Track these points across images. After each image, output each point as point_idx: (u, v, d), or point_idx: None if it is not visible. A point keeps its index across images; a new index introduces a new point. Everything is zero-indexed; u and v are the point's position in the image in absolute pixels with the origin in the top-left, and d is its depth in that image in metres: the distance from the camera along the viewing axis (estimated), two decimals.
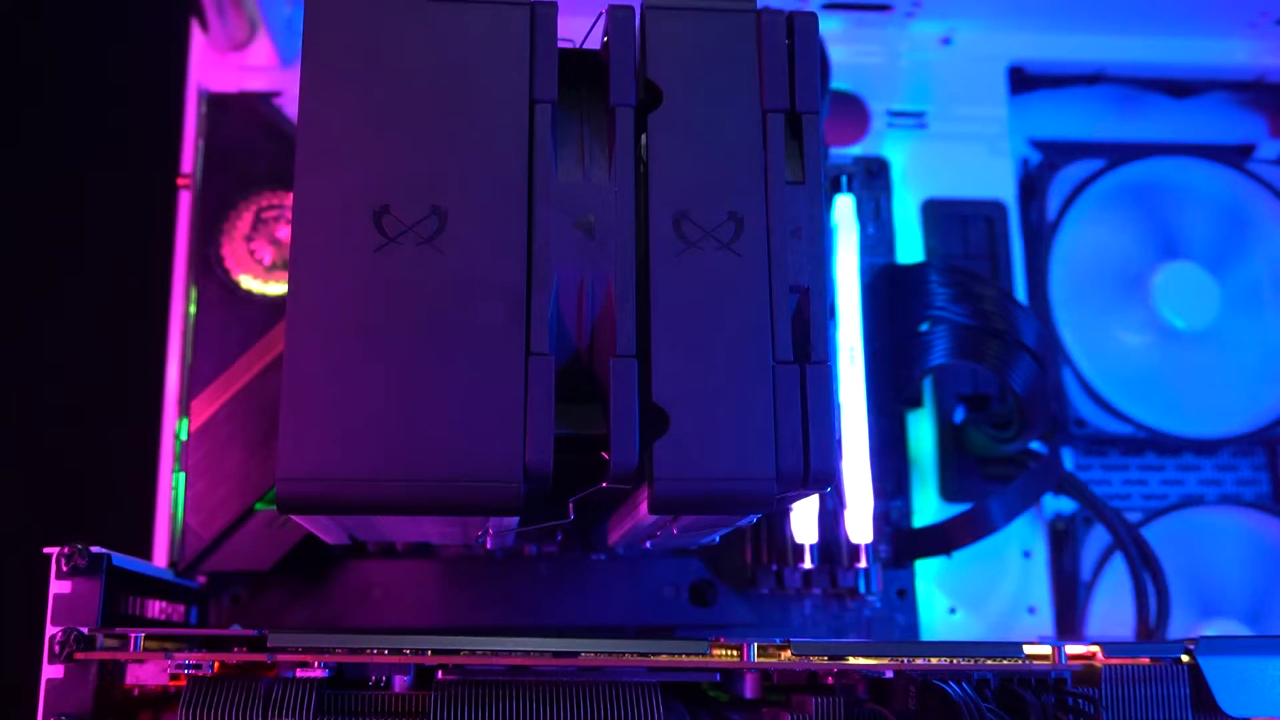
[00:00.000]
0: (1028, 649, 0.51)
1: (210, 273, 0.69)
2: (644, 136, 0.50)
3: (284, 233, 0.70)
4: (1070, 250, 0.82)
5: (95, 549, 0.52)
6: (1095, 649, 0.51)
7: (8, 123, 0.94)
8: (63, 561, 0.51)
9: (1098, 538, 0.77)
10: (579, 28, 0.52)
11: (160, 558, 0.70)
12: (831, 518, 0.71)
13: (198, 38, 0.79)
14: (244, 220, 0.70)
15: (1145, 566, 0.72)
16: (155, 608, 0.62)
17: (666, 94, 0.50)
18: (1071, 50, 0.85)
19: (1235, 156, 0.86)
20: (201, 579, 0.69)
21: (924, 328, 0.72)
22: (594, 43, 0.52)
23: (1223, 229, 0.84)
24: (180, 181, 0.74)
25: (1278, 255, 0.84)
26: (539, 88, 0.49)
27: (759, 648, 0.50)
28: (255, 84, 0.78)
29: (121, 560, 0.54)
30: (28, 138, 0.94)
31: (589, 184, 0.49)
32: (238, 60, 0.79)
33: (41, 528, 0.86)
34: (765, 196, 0.49)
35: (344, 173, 0.48)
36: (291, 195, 0.48)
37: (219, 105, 0.73)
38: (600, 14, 0.51)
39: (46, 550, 0.52)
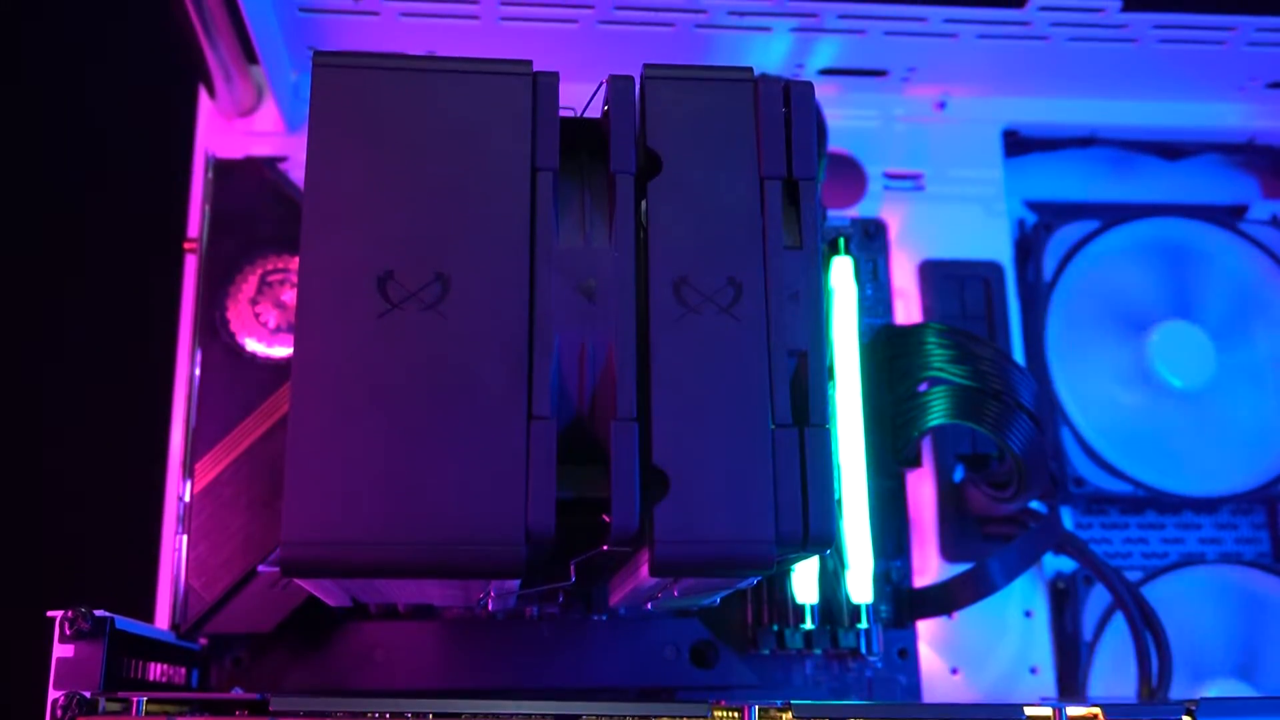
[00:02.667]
0: (1029, 710, 0.51)
1: (215, 336, 0.70)
2: (644, 203, 0.51)
3: (288, 296, 0.71)
4: (1067, 310, 0.83)
5: (98, 612, 0.52)
6: (1096, 710, 0.51)
7: (15, 183, 0.95)
8: (66, 625, 0.52)
9: (1099, 597, 0.77)
10: (581, 93, 0.53)
11: (162, 619, 0.70)
12: (832, 578, 0.71)
13: (205, 104, 0.81)
14: (249, 284, 0.71)
15: (1146, 626, 0.72)
16: (156, 670, 0.62)
17: (666, 161, 0.51)
18: (1064, 114, 0.86)
19: (1229, 217, 0.87)
20: (203, 641, 0.69)
21: (922, 388, 0.73)
22: (595, 111, 0.53)
23: (1217, 288, 0.85)
24: (186, 245, 0.75)
25: (1273, 314, 0.85)
26: (541, 156, 0.50)
27: (760, 710, 0.50)
28: (261, 149, 0.79)
29: (124, 623, 0.54)
30: (35, 199, 0.95)
31: (590, 249, 0.50)
32: (244, 126, 0.81)
33: (44, 589, 0.86)
34: (764, 262, 0.50)
35: (349, 239, 0.49)
36: (296, 259, 0.49)
37: (225, 170, 0.74)
38: (601, 83, 0.52)
39: (50, 614, 0.52)
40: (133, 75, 0.98)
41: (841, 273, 0.74)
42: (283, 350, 0.69)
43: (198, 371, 0.69)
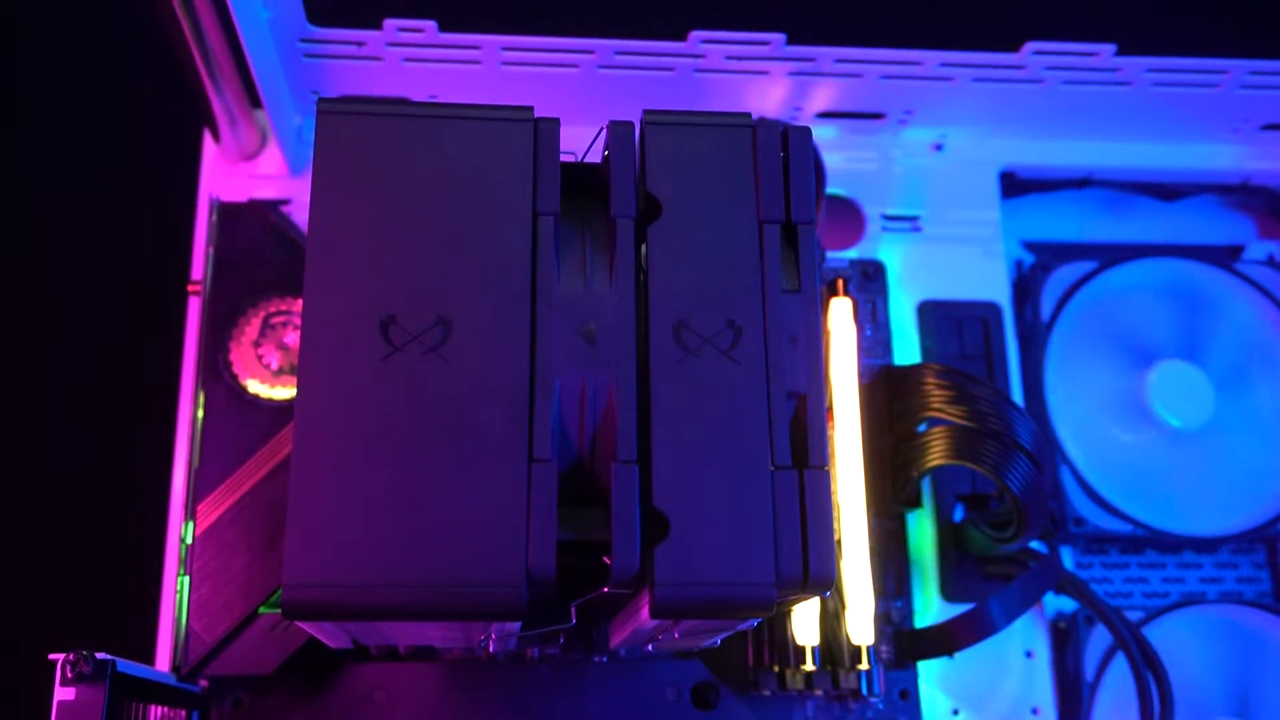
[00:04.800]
0: None
1: (218, 378, 0.70)
2: (644, 247, 0.51)
3: (291, 338, 0.71)
4: (1065, 350, 0.83)
5: (100, 655, 0.52)
6: None
7: (19, 224, 0.96)
8: (68, 668, 0.52)
9: (1100, 636, 0.77)
10: (581, 136, 0.53)
11: (163, 661, 0.70)
12: (833, 619, 0.71)
13: (210, 147, 0.82)
14: (252, 326, 0.71)
15: (1148, 666, 0.72)
16: (157, 713, 0.62)
17: (666, 205, 0.51)
18: (1060, 155, 0.87)
19: (1225, 257, 0.88)
20: (204, 683, 0.69)
21: (922, 429, 0.73)
22: (595, 155, 0.53)
23: (1215, 328, 0.85)
24: (190, 288, 0.76)
25: (1270, 353, 0.85)
26: (542, 200, 0.51)
27: None
28: (265, 192, 0.80)
29: (126, 666, 0.54)
30: (40, 242, 0.96)
31: (591, 293, 0.51)
32: (248, 169, 0.81)
33: (46, 631, 0.86)
34: (763, 305, 0.50)
35: (352, 283, 0.49)
36: (299, 302, 0.49)
37: (229, 213, 0.75)
38: (601, 129, 0.52)
39: (52, 656, 0.52)
40: (138, 119, 0.99)
41: (840, 314, 0.74)
42: (285, 392, 0.70)
43: (200, 413, 0.70)
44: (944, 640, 0.73)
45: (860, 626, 0.70)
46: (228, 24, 0.69)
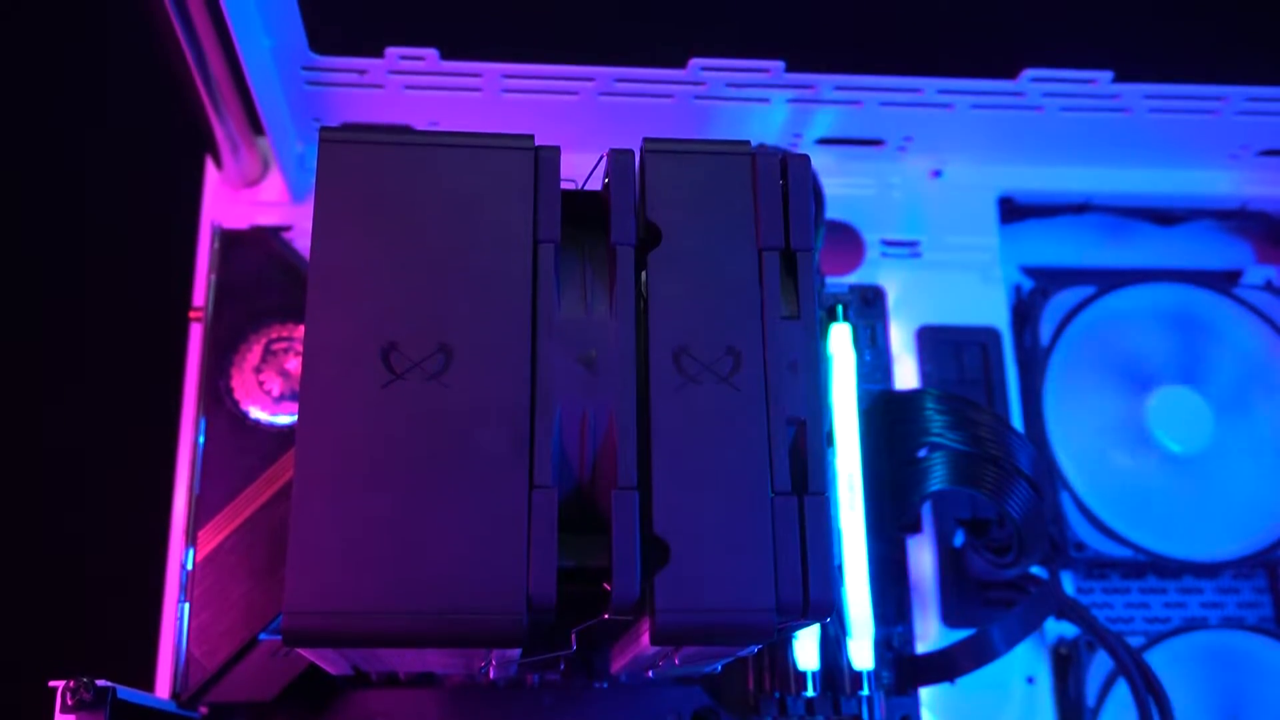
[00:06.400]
0: None
1: (219, 404, 0.70)
2: (644, 274, 0.52)
3: (293, 364, 0.71)
4: (1064, 375, 0.83)
5: (100, 682, 0.52)
6: None
7: (21, 251, 0.97)
8: (68, 695, 0.52)
9: (1102, 662, 0.77)
10: (581, 163, 0.54)
11: (163, 688, 0.70)
12: (834, 644, 0.71)
13: (212, 174, 0.82)
14: (254, 352, 0.72)
15: (1149, 692, 0.72)
16: None
17: (666, 233, 0.52)
18: (1059, 181, 0.88)
19: (1224, 282, 0.88)
20: (204, 710, 0.69)
21: (922, 454, 0.73)
22: (595, 183, 0.54)
23: (1213, 352, 0.85)
24: (192, 314, 0.76)
25: (1269, 378, 0.85)
26: (543, 228, 0.51)
27: None
28: (267, 218, 0.80)
29: (126, 693, 0.54)
30: (41, 267, 0.96)
31: (591, 320, 0.51)
32: (250, 196, 0.82)
33: (46, 658, 0.86)
34: (762, 332, 0.50)
35: (353, 310, 0.49)
36: (300, 328, 0.50)
37: (231, 240, 0.75)
38: (601, 157, 0.53)
39: (52, 684, 0.52)
40: (141, 145, 0.99)
41: (840, 339, 0.74)
42: (286, 418, 0.70)
43: (202, 439, 0.70)
44: (945, 666, 0.73)
45: (861, 652, 0.70)
46: (230, 52, 0.69)
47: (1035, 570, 0.76)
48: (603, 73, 0.77)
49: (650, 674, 0.64)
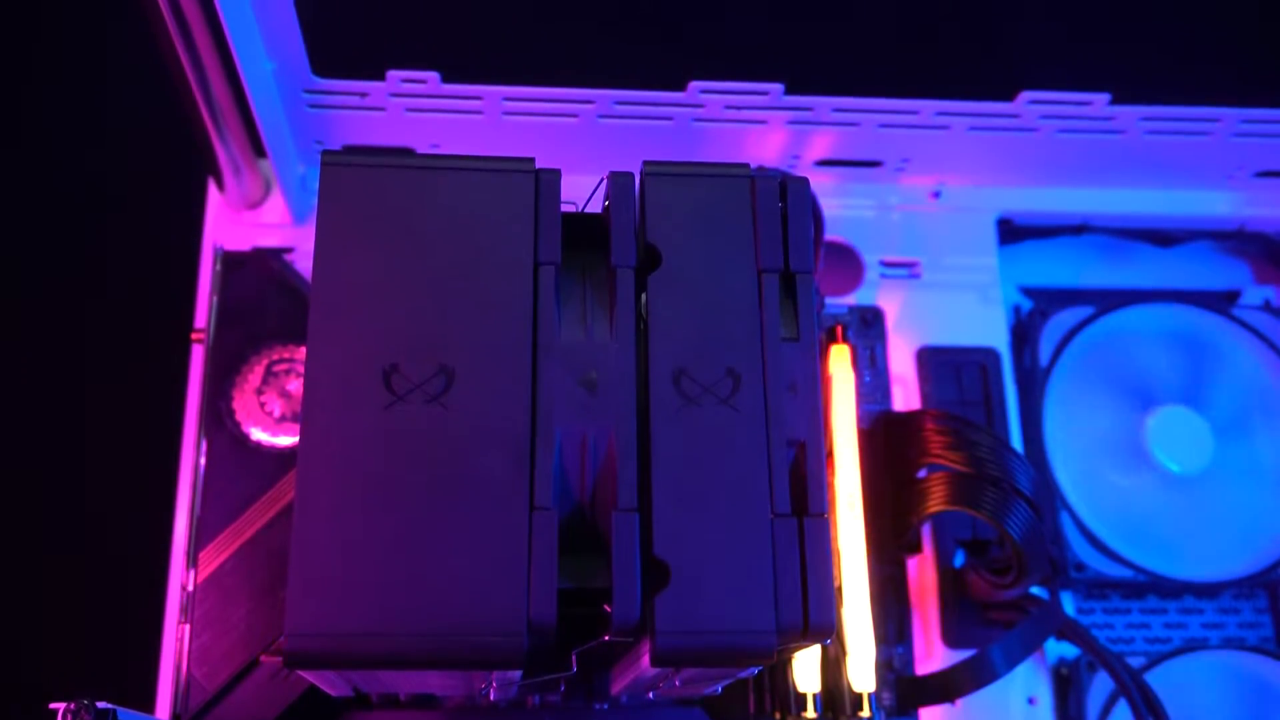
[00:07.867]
0: None
1: (221, 425, 0.71)
2: (644, 296, 0.52)
3: (294, 386, 0.72)
4: (1064, 395, 0.84)
5: (101, 704, 0.52)
6: None
7: (23, 272, 0.97)
8: (69, 717, 0.51)
9: (1103, 682, 0.77)
10: (581, 185, 0.54)
11: (163, 709, 0.70)
12: (834, 665, 0.71)
13: (214, 196, 0.82)
14: (255, 374, 0.72)
15: (1150, 712, 0.72)
16: None
17: (665, 255, 0.52)
18: (1056, 202, 0.88)
19: (1221, 302, 0.88)
20: None
21: (921, 475, 0.73)
22: (595, 206, 0.54)
23: (1213, 373, 0.85)
24: (194, 336, 0.76)
25: (1268, 398, 0.85)
26: (543, 250, 0.51)
27: None
28: (268, 240, 0.81)
29: (126, 715, 0.54)
30: (42, 289, 0.97)
31: (591, 342, 0.51)
32: (252, 218, 0.82)
33: (47, 680, 0.86)
34: (762, 353, 0.51)
35: (355, 333, 0.50)
36: (302, 349, 0.50)
37: (233, 262, 0.75)
38: (601, 180, 0.53)
39: (53, 706, 0.52)
40: (143, 167, 0.99)
41: (840, 360, 0.75)
42: (287, 439, 0.70)
43: (203, 460, 0.70)
44: (946, 687, 0.73)
45: (861, 673, 0.70)
46: (232, 74, 0.70)
47: (1035, 591, 0.77)
48: (603, 95, 0.77)
49: (651, 695, 0.64)
